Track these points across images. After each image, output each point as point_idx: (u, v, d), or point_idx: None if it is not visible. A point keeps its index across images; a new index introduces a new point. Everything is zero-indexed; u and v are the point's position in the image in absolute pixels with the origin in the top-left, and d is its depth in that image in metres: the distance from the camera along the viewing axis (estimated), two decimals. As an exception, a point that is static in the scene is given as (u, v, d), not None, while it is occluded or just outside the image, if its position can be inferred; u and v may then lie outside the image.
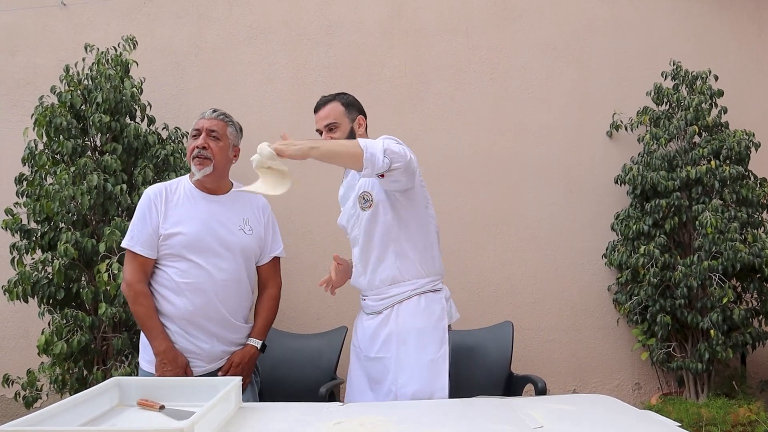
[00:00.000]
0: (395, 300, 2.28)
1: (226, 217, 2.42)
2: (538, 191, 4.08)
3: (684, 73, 3.88)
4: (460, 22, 4.17)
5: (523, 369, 3.18)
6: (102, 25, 4.08)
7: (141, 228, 2.33)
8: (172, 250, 2.32)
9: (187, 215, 2.36)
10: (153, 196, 2.38)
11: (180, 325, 2.31)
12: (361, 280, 2.36)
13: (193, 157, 2.37)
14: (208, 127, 2.41)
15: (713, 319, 3.48)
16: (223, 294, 2.37)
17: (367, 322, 2.35)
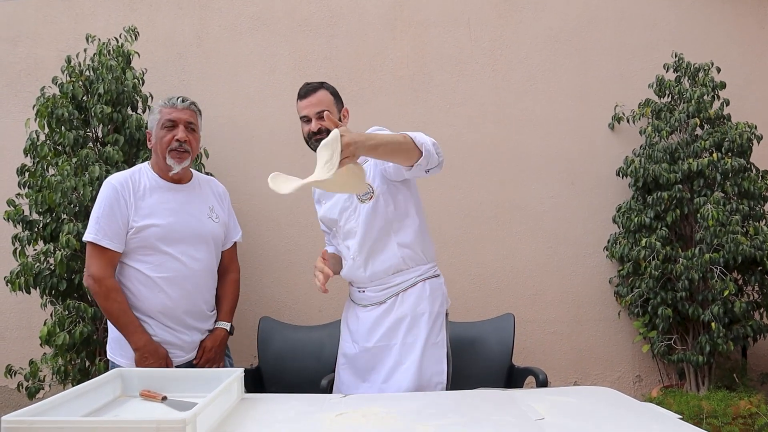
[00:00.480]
0: (400, 288, 2.26)
1: (194, 206, 2.40)
2: (539, 183, 4.07)
3: (686, 65, 3.86)
4: (462, 13, 4.15)
5: (524, 361, 3.19)
6: (103, 15, 4.07)
7: (108, 220, 2.24)
8: (145, 243, 2.27)
9: (158, 207, 2.31)
10: (119, 186, 2.28)
11: (158, 319, 2.29)
12: (360, 272, 2.28)
13: (171, 150, 2.31)
14: (186, 120, 2.35)
15: (714, 311, 3.48)
16: (199, 285, 2.38)
17: (365, 313, 2.30)
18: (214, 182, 2.59)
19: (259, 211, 3.95)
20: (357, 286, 2.35)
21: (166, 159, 2.32)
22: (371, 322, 2.28)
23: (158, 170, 2.38)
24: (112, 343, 2.35)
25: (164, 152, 2.32)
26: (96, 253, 2.24)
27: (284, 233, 3.96)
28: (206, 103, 3.96)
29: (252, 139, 4.01)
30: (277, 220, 3.96)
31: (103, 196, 2.29)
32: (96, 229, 2.24)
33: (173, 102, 2.36)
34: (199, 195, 2.45)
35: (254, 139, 4.02)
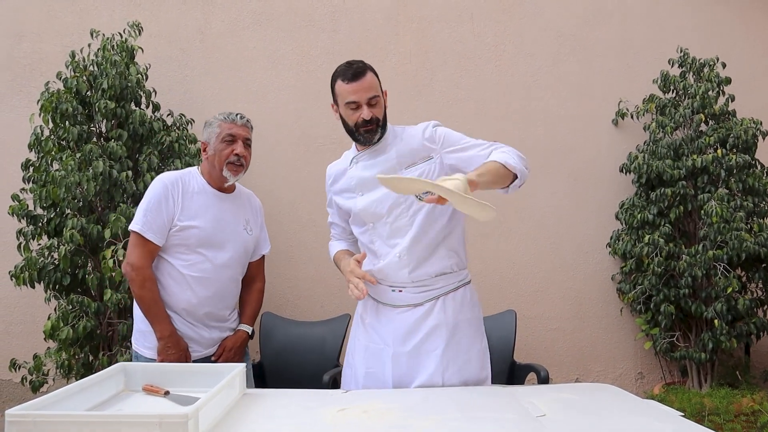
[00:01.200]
0: (440, 292, 2.16)
1: (233, 216, 2.49)
2: (543, 179, 4.07)
3: (691, 60, 3.85)
4: (465, 8, 4.14)
5: (526, 358, 3.19)
6: (107, 11, 4.07)
7: (155, 215, 2.33)
8: (184, 242, 2.36)
9: (203, 210, 2.40)
10: (170, 185, 2.38)
11: (181, 315, 2.38)
12: (403, 272, 2.13)
13: (229, 163, 2.41)
14: (245, 136, 2.47)
15: (717, 308, 3.47)
16: (225, 289, 2.47)
17: (401, 315, 2.15)
18: (253, 196, 2.70)
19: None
20: (392, 285, 2.17)
21: (223, 171, 2.42)
22: (409, 325, 2.14)
23: (208, 177, 2.47)
24: (137, 334, 2.44)
25: (222, 164, 2.41)
26: (138, 243, 2.33)
27: (286, 229, 3.97)
28: (208, 98, 3.98)
29: (254, 134, 3.98)
30: (278, 217, 3.97)
31: (153, 190, 2.37)
32: (143, 221, 2.32)
33: (233, 118, 2.46)
34: (240, 206, 2.54)
35: (256, 134, 3.99)
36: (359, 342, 2.28)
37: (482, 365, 2.19)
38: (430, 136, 2.17)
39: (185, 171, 2.50)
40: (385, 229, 2.15)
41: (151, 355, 2.36)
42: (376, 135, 2.13)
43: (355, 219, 2.26)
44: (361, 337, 2.27)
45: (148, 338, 2.37)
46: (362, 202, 2.18)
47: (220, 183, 2.46)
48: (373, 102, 2.10)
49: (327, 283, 3.97)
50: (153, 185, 2.39)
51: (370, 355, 2.21)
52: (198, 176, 2.47)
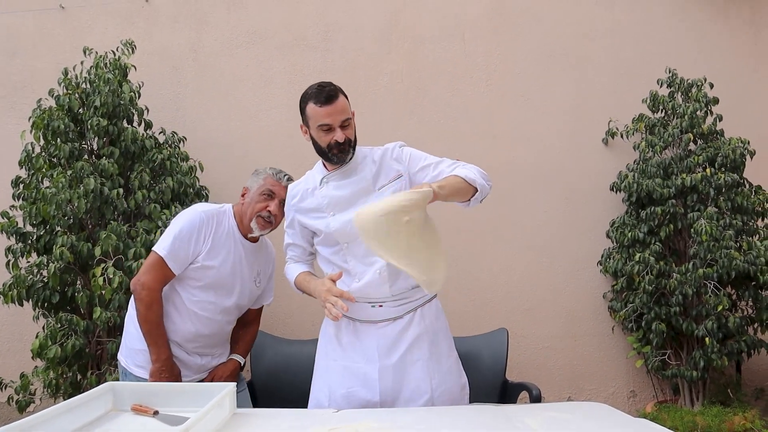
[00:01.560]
0: (417, 303, 2.23)
1: (249, 266, 2.51)
2: (533, 198, 4.08)
3: (679, 80, 3.89)
4: (457, 28, 4.18)
5: (518, 376, 3.18)
6: (100, 28, 4.09)
7: (183, 246, 2.32)
8: (198, 279, 2.37)
9: (225, 254, 2.41)
10: (206, 220, 2.37)
11: (178, 342, 2.39)
12: (384, 287, 2.17)
13: (259, 217, 2.42)
14: (282, 197, 2.43)
15: (708, 326, 3.48)
16: (222, 330, 2.51)
17: (382, 329, 2.19)
18: (270, 247, 2.71)
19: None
20: (371, 301, 2.20)
21: (252, 222, 2.43)
22: (392, 338, 2.18)
23: (239, 221, 2.48)
24: (128, 351, 2.43)
25: (252, 216, 2.43)
26: (157, 266, 2.31)
27: (277, 247, 3.92)
28: (201, 116, 3.99)
29: (247, 153, 4.02)
30: (270, 235, 3.94)
31: (188, 220, 2.36)
32: (170, 248, 2.30)
33: (280, 177, 2.48)
34: (257, 258, 2.56)
35: (249, 152, 4.02)
36: (335, 362, 2.27)
37: (459, 372, 2.30)
38: (397, 156, 2.24)
39: (221, 209, 2.47)
40: (360, 248, 2.16)
41: (140, 374, 2.35)
42: (348, 155, 2.17)
43: (325, 239, 2.26)
44: (338, 357, 2.26)
45: (140, 357, 2.36)
46: (335, 222, 2.19)
47: (247, 231, 2.48)
48: (346, 124, 2.13)
49: (318, 302, 3.95)
50: (189, 215, 2.37)
51: (350, 374, 2.21)
52: (231, 218, 2.48)
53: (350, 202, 2.17)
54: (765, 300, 3.59)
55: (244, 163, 3.99)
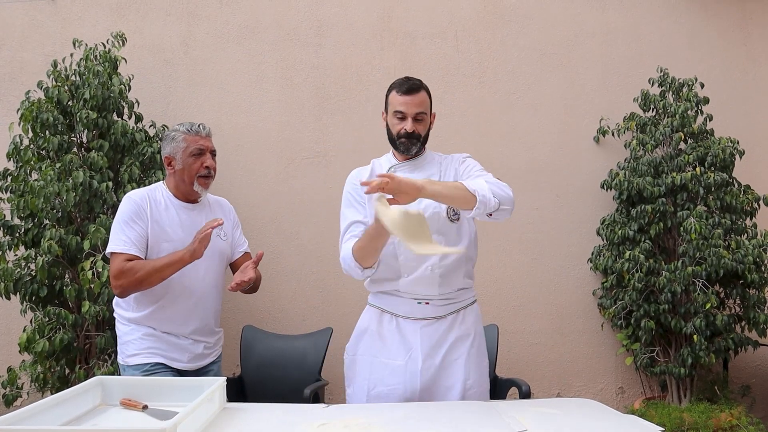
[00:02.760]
0: (462, 305, 2.30)
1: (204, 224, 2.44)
2: (524, 195, 4.09)
3: (671, 80, 3.91)
4: (449, 25, 4.18)
5: (507, 372, 3.19)
6: (91, 20, 4.05)
7: (130, 230, 2.31)
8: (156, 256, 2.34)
9: (172, 224, 2.39)
10: (140, 201, 2.37)
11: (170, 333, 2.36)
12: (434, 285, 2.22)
13: (200, 177, 2.41)
14: (211, 148, 2.47)
15: (696, 324, 3.51)
16: (207, 297, 2.45)
17: (426, 328, 2.22)
18: (222, 200, 2.68)
19: (243, 219, 3.89)
20: (418, 298, 2.24)
21: (194, 185, 2.41)
22: (437, 338, 2.22)
23: (174, 191, 2.46)
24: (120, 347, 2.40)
25: (192, 178, 2.41)
26: (116, 258, 2.30)
27: (268, 242, 3.94)
28: (192, 110, 3.97)
29: (238, 147, 4.00)
30: (261, 229, 3.95)
31: (123, 209, 2.36)
32: (124, 239, 2.30)
33: (197, 129, 2.43)
34: (208, 215, 2.52)
35: (240, 147, 4.01)
36: (375, 358, 2.26)
37: (487, 376, 2.36)
38: (457, 165, 2.33)
39: (151, 187, 2.48)
40: None
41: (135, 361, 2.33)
42: (413, 148, 2.25)
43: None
44: (378, 353, 2.26)
45: (131, 347, 2.35)
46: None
47: (187, 196, 2.46)
48: (419, 118, 2.22)
49: (309, 297, 3.96)
50: (123, 204, 2.38)
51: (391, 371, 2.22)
52: (164, 190, 2.46)
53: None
54: (752, 298, 3.62)
55: (235, 157, 3.98)
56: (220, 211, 2.59)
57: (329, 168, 4.01)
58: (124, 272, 2.25)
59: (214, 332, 2.53)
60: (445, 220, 2.24)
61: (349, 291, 3.85)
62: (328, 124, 4.05)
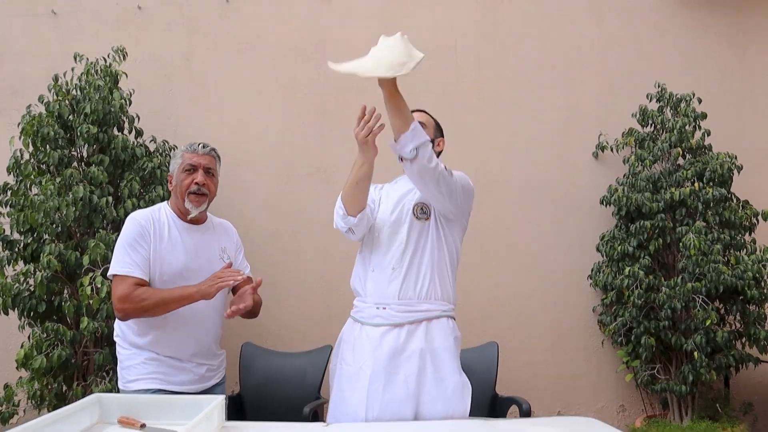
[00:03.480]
0: (425, 316, 2.21)
1: (208, 246, 2.44)
2: (524, 211, 4.09)
3: (668, 95, 3.93)
4: (449, 41, 4.20)
5: (507, 390, 3.17)
6: (92, 34, 4.06)
7: (135, 252, 2.26)
8: (160, 278, 2.29)
9: (175, 246, 2.34)
10: (144, 222, 2.32)
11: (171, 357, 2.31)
12: (393, 285, 2.22)
13: (190, 193, 2.36)
14: (205, 165, 2.41)
15: (697, 341, 3.50)
16: (207, 319, 2.40)
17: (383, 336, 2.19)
18: (226, 223, 2.64)
19: (242, 235, 3.88)
20: (378, 302, 2.26)
21: (185, 202, 2.37)
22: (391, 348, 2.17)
23: (177, 211, 2.42)
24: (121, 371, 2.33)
25: (183, 195, 2.36)
26: (120, 281, 2.23)
27: (268, 259, 3.93)
28: (193, 125, 3.97)
29: (239, 163, 4.00)
30: (261, 246, 3.94)
31: (127, 230, 2.30)
32: (124, 261, 2.24)
33: (194, 147, 2.42)
34: (213, 236, 2.49)
35: (241, 162, 4.01)
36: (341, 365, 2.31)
37: (461, 397, 2.19)
38: None
39: (155, 208, 2.44)
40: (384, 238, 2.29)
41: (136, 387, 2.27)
42: None
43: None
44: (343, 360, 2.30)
45: (132, 372, 2.29)
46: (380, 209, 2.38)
47: (186, 213, 2.41)
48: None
49: (308, 314, 3.94)
50: (127, 225, 2.32)
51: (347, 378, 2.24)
52: (168, 210, 2.42)
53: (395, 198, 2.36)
54: (752, 315, 3.62)
55: (236, 172, 3.98)
56: (225, 235, 2.56)
57: (330, 183, 4.01)
58: (131, 298, 2.19)
59: (216, 355, 2.49)
60: (410, 220, 2.27)
61: (350, 308, 3.81)
62: (329, 140, 4.05)
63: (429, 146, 2.12)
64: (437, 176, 2.14)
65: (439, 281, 2.26)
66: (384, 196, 2.42)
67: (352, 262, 2.47)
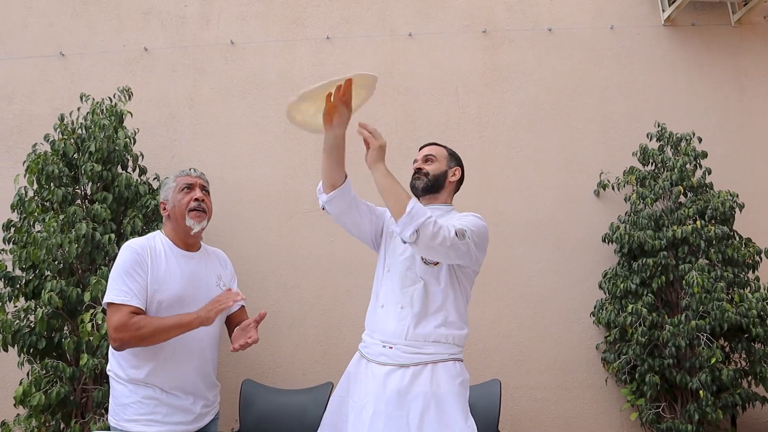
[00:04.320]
0: (431, 359, 2.17)
1: (204, 274, 2.41)
2: (526, 249, 4.09)
3: (669, 134, 3.96)
4: (450, 81, 4.27)
5: (511, 428, 3.13)
6: (99, 75, 4.14)
7: (131, 280, 2.22)
8: (157, 308, 2.26)
9: (172, 273, 2.32)
10: (140, 250, 2.29)
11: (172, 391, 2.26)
12: (394, 324, 2.20)
13: (191, 210, 2.35)
14: (201, 184, 2.43)
15: (702, 379, 3.45)
16: (207, 348, 2.37)
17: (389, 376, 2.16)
18: (219, 252, 2.63)
19: (244, 272, 3.92)
20: (385, 340, 2.22)
21: (186, 220, 2.35)
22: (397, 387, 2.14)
23: (173, 237, 2.41)
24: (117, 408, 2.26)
25: (183, 213, 2.36)
26: (116, 311, 2.19)
27: (269, 295, 3.93)
28: (196, 163, 4.02)
29: (241, 201, 4.03)
30: (262, 282, 3.94)
31: (123, 258, 2.28)
32: (119, 290, 2.21)
33: (187, 172, 2.46)
34: (208, 263, 2.48)
35: (243, 200, 4.04)
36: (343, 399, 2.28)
37: None
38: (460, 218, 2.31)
39: (150, 236, 2.41)
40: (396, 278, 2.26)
41: (132, 428, 2.21)
42: (419, 182, 2.40)
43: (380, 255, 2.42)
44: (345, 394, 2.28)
45: (129, 411, 2.22)
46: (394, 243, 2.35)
47: (185, 240, 2.39)
48: (430, 159, 2.43)
49: (309, 351, 3.91)
50: (123, 253, 2.29)
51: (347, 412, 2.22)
52: (163, 238, 2.40)
53: None
54: (758, 353, 3.57)
55: (237, 210, 4.01)
56: (219, 263, 2.55)
57: (330, 221, 3.98)
58: (127, 326, 2.16)
59: (215, 385, 2.44)
60: (420, 264, 2.24)
61: (351, 345, 3.81)
62: (330, 177, 4.08)
63: (430, 224, 2.03)
64: (446, 249, 2.07)
65: (448, 324, 2.22)
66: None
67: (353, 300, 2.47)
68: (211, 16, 4.32)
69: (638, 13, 4.44)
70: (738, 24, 4.45)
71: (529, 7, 4.42)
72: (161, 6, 4.32)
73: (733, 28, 4.45)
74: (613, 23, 4.41)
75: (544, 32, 4.38)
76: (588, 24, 4.40)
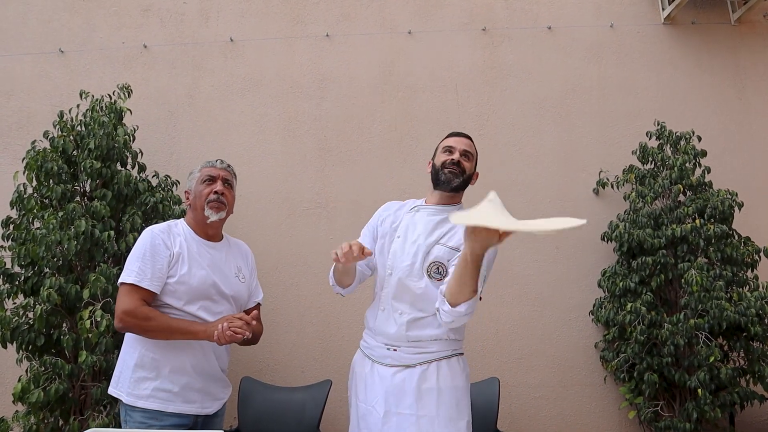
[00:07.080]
0: (436, 356, 2.20)
1: (224, 264, 2.44)
2: (525, 247, 4.09)
3: (668, 133, 3.96)
4: (450, 79, 4.26)
5: (509, 426, 3.13)
6: (98, 72, 4.14)
7: (150, 263, 2.23)
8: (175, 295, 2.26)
9: (191, 260, 2.33)
10: (160, 233, 2.32)
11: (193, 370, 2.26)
12: (394, 328, 2.22)
13: (209, 201, 2.39)
14: (224, 176, 2.48)
15: (701, 377, 3.46)
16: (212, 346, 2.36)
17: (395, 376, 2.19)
18: (242, 243, 2.66)
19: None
20: (388, 343, 2.24)
21: (204, 210, 2.39)
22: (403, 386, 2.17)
23: (194, 226, 2.43)
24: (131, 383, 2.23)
25: (203, 204, 2.39)
26: (129, 292, 2.20)
27: (268, 292, 3.89)
28: (195, 160, 4.01)
29: (240, 198, 4.01)
30: (261, 280, 3.89)
31: (144, 240, 2.30)
32: (137, 271, 2.21)
33: (212, 162, 2.51)
34: (229, 253, 2.50)
35: (242, 198, 4.03)
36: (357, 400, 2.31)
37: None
38: None
39: (172, 222, 2.44)
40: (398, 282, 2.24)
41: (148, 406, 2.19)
42: (456, 179, 2.32)
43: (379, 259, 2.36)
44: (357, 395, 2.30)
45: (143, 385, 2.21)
46: (396, 244, 2.29)
47: (205, 230, 2.42)
48: (469, 157, 2.36)
49: (308, 349, 3.91)
50: (143, 236, 2.32)
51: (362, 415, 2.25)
52: (185, 226, 2.43)
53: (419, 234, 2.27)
54: (756, 351, 3.58)
55: (237, 207, 3.98)
56: (240, 255, 2.56)
57: (330, 219, 4.02)
58: (135, 313, 2.16)
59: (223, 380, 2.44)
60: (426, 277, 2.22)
61: (349, 343, 3.82)
62: (330, 176, 4.09)
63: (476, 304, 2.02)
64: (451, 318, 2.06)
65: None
66: (402, 228, 2.33)
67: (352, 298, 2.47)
68: (211, 13, 4.31)
69: (638, 11, 4.44)
70: (738, 22, 4.44)
71: (528, 5, 4.42)
72: (160, 3, 4.31)
73: (733, 27, 4.44)
74: (613, 21, 4.40)
75: (543, 30, 4.38)
76: (588, 22, 4.40)
